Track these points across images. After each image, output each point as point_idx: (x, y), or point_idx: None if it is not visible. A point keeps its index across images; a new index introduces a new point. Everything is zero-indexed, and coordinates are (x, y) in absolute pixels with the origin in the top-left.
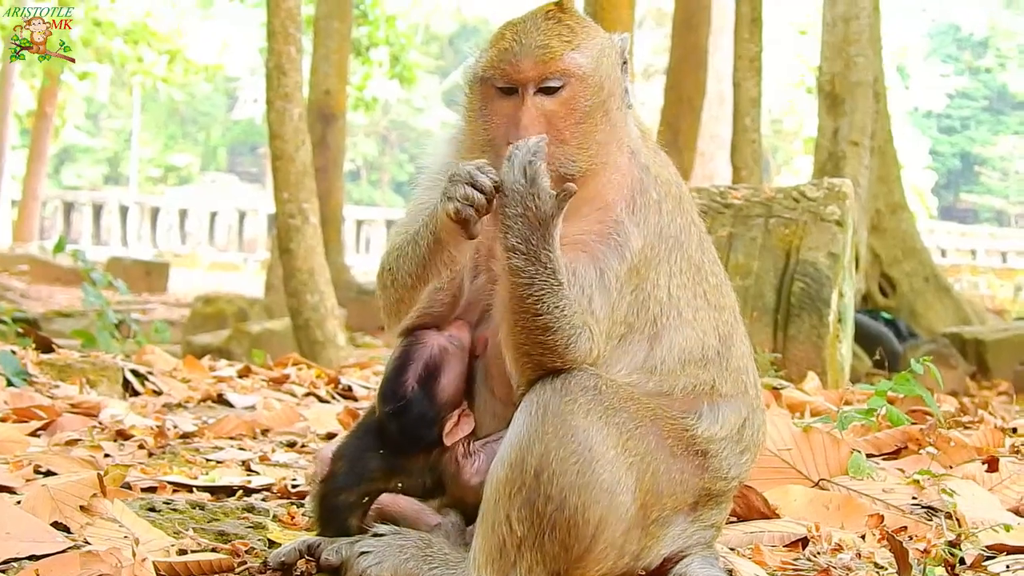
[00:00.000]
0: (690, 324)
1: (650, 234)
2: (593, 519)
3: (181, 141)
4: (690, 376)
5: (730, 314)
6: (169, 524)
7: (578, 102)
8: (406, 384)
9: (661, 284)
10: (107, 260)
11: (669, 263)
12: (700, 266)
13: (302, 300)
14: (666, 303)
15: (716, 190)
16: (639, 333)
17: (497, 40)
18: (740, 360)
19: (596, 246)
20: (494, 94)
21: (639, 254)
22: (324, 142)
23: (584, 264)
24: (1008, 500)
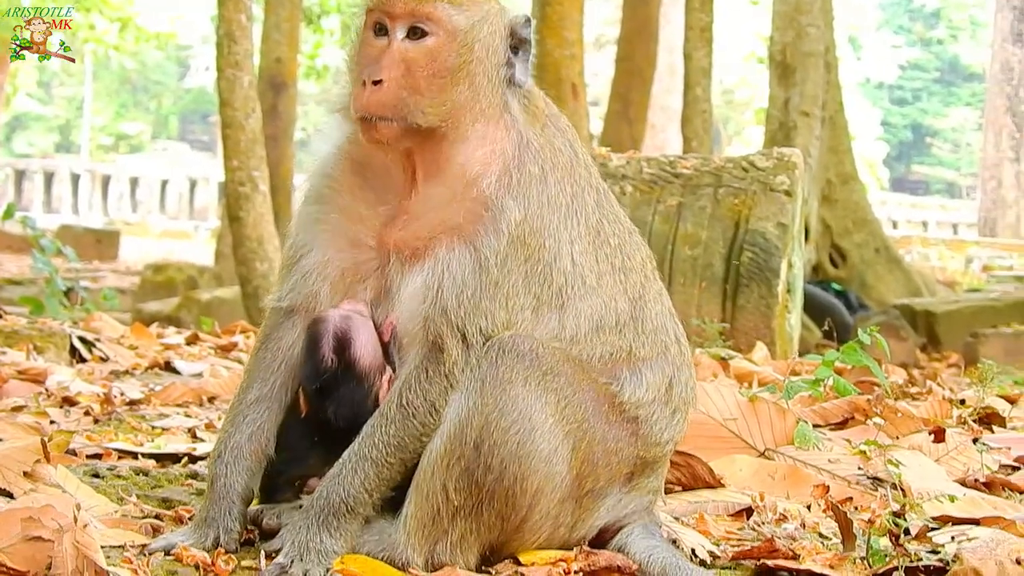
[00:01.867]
0: (595, 291)
1: (533, 205)
2: (530, 489)
3: (132, 109)
4: (605, 344)
5: (639, 275)
6: (113, 490)
7: (440, 55)
8: (324, 358)
9: (563, 252)
10: (58, 228)
11: (568, 231)
12: (599, 229)
13: (251, 268)
14: (570, 272)
15: (665, 159)
16: (547, 305)
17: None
18: (656, 320)
19: (468, 227)
20: (370, 34)
21: (520, 226)
22: (275, 110)
23: (459, 252)
24: (954, 471)
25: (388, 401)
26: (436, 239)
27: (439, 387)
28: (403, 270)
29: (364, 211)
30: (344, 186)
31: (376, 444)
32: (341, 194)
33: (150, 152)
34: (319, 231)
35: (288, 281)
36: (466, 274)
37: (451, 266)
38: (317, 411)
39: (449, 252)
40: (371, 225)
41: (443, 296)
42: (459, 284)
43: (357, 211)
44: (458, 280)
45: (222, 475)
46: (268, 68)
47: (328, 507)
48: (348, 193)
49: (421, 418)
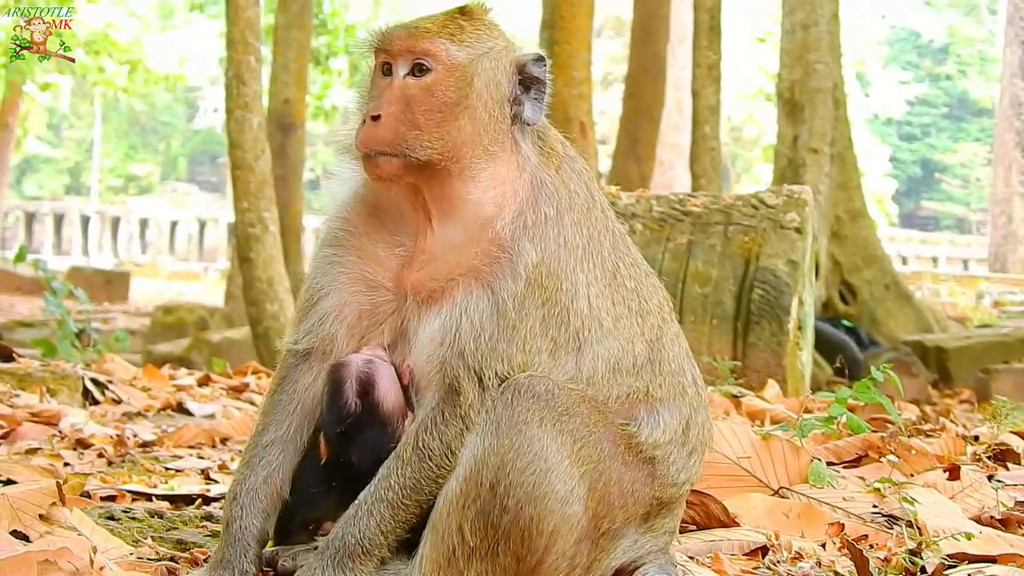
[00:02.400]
0: (611, 333)
1: (550, 247)
2: (547, 530)
3: (142, 151)
4: (622, 385)
5: (656, 317)
6: (128, 532)
7: (439, 90)
8: (347, 403)
9: (580, 295)
10: (68, 269)
11: (584, 273)
12: (615, 272)
13: (262, 309)
14: (587, 314)
15: (675, 198)
16: (564, 348)
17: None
18: (674, 362)
19: (485, 269)
20: (378, 74)
21: (537, 268)
22: (284, 151)
23: (476, 294)
24: (969, 508)
25: (404, 443)
26: (453, 281)
27: (455, 429)
28: (420, 312)
29: (381, 253)
30: (360, 228)
31: (392, 486)
32: (357, 236)
33: (159, 193)
34: (336, 274)
35: (305, 324)
36: (484, 317)
37: (468, 309)
38: (337, 455)
39: (466, 295)
40: (388, 267)
41: (460, 339)
42: (476, 327)
43: (374, 253)
44: (476, 323)
45: (238, 517)
46: (277, 109)
47: (343, 548)
48: (364, 235)
49: (437, 460)
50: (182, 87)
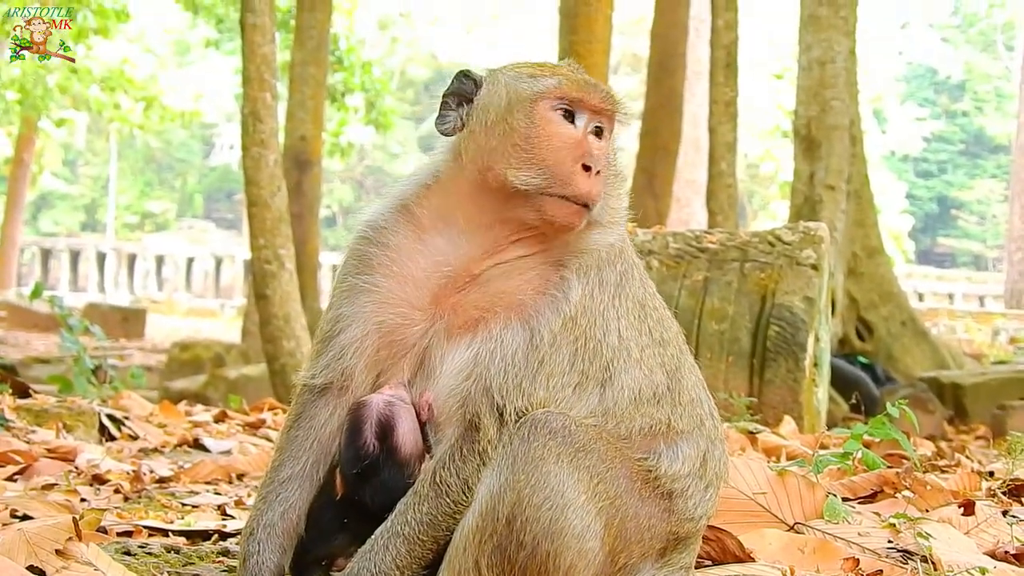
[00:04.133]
0: (638, 364)
1: (591, 283)
2: (563, 565)
3: (158, 188)
4: (645, 416)
5: (675, 348)
6: (144, 568)
7: (611, 145)
8: (366, 444)
9: (611, 328)
10: (84, 306)
11: (615, 307)
12: (644, 303)
13: (278, 346)
14: (617, 346)
15: (692, 234)
16: (593, 380)
17: (556, 70)
18: (692, 392)
19: (530, 304)
20: (551, 115)
21: (577, 305)
22: (300, 188)
23: (513, 329)
24: (984, 543)
25: (422, 479)
26: (494, 312)
27: (472, 465)
28: (447, 341)
29: (419, 273)
30: (400, 248)
31: (409, 521)
32: (393, 256)
33: (175, 230)
34: (363, 302)
35: (324, 357)
36: (517, 353)
37: (504, 343)
38: (352, 493)
39: (504, 328)
40: (426, 288)
41: (489, 374)
42: (507, 362)
43: (411, 274)
44: (507, 358)
45: (255, 552)
46: (293, 146)
47: None
48: (404, 255)
49: (455, 496)
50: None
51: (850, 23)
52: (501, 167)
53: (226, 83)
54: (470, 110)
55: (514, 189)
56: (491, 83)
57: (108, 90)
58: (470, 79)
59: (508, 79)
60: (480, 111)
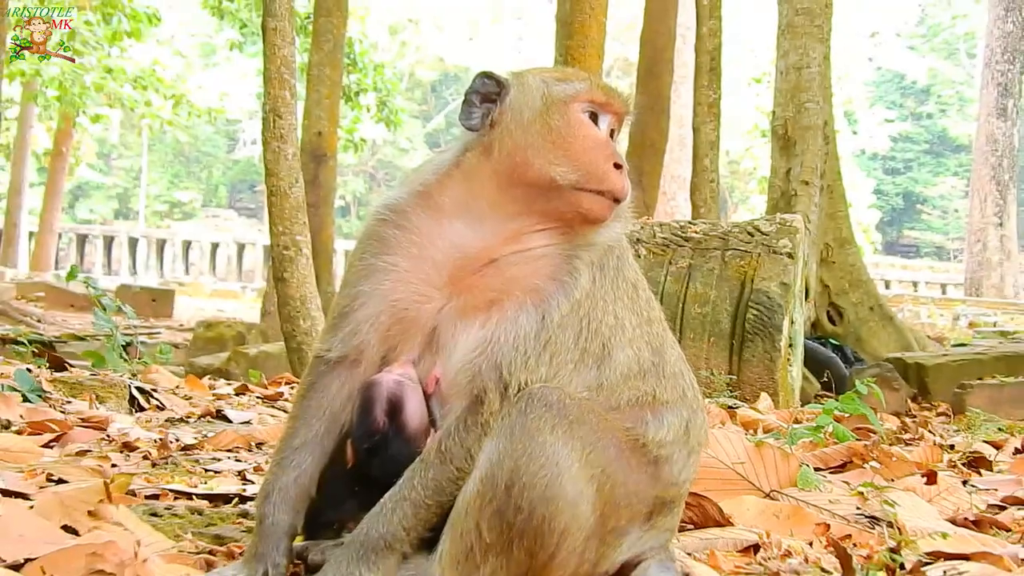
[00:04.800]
0: (630, 342)
1: (595, 269)
2: (558, 528)
3: (185, 179)
4: (632, 388)
5: (659, 325)
6: (169, 528)
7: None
8: (376, 421)
9: (610, 310)
10: (117, 288)
11: (614, 290)
12: (636, 284)
13: (295, 325)
14: (614, 326)
15: (677, 224)
16: (591, 356)
17: (581, 76)
18: (674, 366)
19: (544, 289)
20: (582, 118)
21: (583, 290)
22: (316, 180)
23: (527, 311)
24: (945, 510)
25: (428, 448)
26: (510, 294)
27: (475, 435)
28: (458, 320)
29: (438, 255)
30: (420, 228)
31: (415, 486)
32: (412, 236)
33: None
34: (380, 279)
35: (339, 332)
36: (528, 333)
37: (517, 324)
38: (362, 465)
39: (518, 310)
40: (444, 268)
41: (501, 352)
42: (519, 342)
43: (430, 255)
44: (519, 338)
45: (270, 514)
46: (310, 141)
47: (367, 543)
48: (423, 235)
49: (458, 463)
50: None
51: (824, 31)
52: (539, 163)
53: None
54: (500, 108)
55: (554, 183)
56: (521, 85)
57: (140, 88)
58: (493, 79)
59: (539, 82)
60: (515, 111)
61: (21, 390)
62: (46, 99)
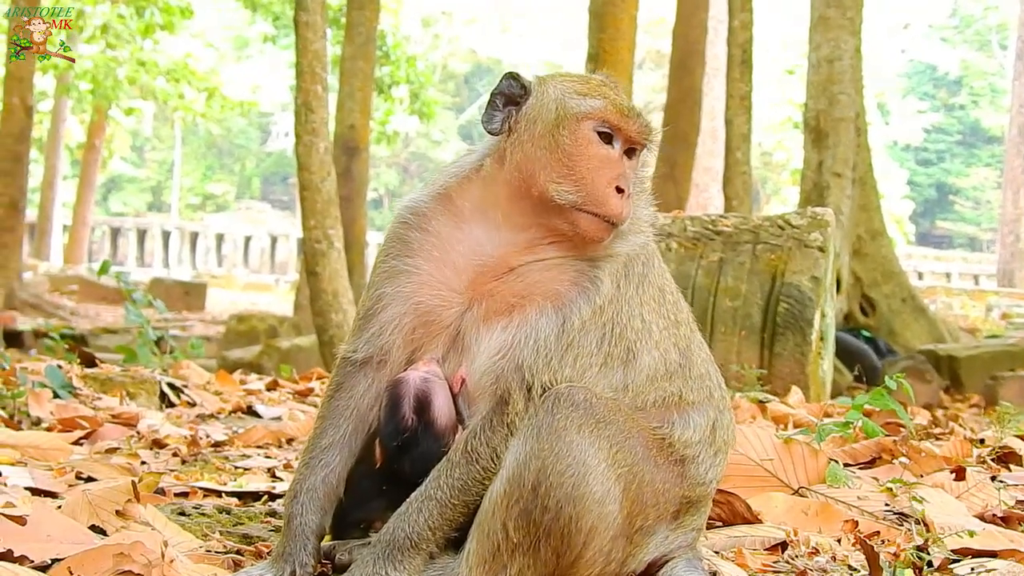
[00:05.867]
0: (656, 344)
1: (619, 276)
2: (585, 528)
3: (218, 171)
4: (659, 389)
5: (686, 327)
6: (197, 527)
7: (639, 163)
8: (405, 418)
9: (635, 314)
10: (150, 281)
11: (639, 295)
12: (662, 288)
13: (327, 318)
14: (640, 329)
15: (708, 219)
16: (617, 359)
17: (602, 92)
18: (701, 367)
19: (565, 295)
20: (595, 137)
21: (606, 296)
22: (349, 173)
23: (548, 315)
24: (974, 507)
25: (454, 448)
26: (530, 298)
27: (501, 435)
28: (481, 323)
29: (459, 260)
30: (441, 233)
31: (441, 486)
32: (434, 241)
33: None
34: (402, 282)
35: (365, 333)
36: (550, 337)
37: (538, 327)
38: (391, 463)
39: (539, 315)
40: (464, 274)
41: (523, 355)
42: (540, 344)
43: (451, 259)
44: (540, 341)
45: (298, 514)
46: (342, 134)
47: (393, 542)
48: (444, 240)
49: (484, 463)
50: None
51: (856, 24)
52: (543, 179)
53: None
54: (518, 115)
55: (552, 202)
56: (540, 93)
57: (173, 81)
58: (518, 82)
59: (557, 93)
60: (529, 120)
61: (52, 386)
62: (79, 92)
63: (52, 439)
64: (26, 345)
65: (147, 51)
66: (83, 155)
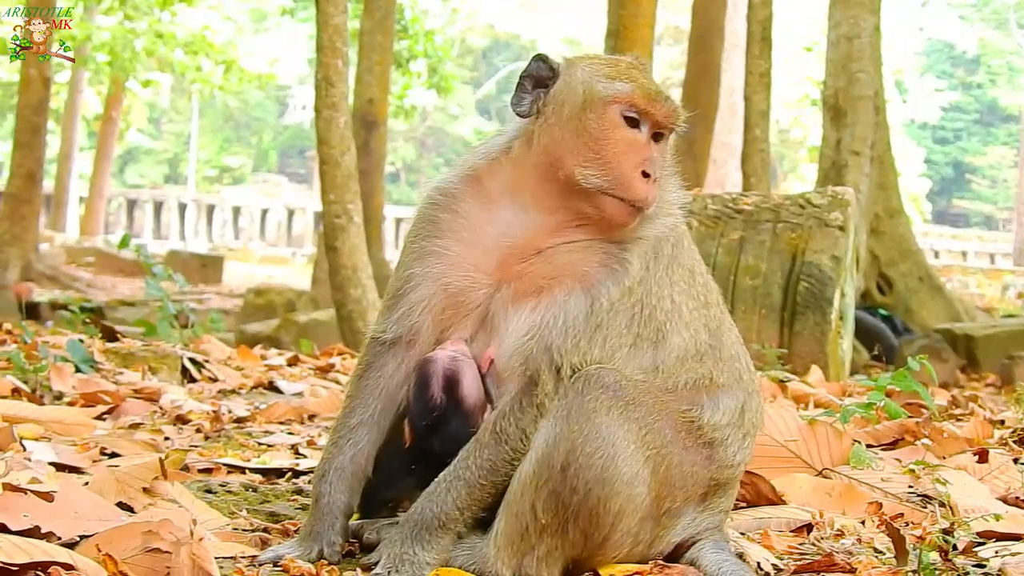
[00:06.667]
0: (687, 325)
1: (648, 257)
2: (613, 509)
3: (235, 144)
4: (689, 371)
5: (716, 308)
6: (224, 505)
7: (667, 154)
8: (434, 397)
9: (664, 295)
10: (166, 253)
11: (669, 276)
12: (692, 269)
13: (346, 294)
14: (670, 310)
15: (729, 197)
16: (647, 340)
17: (630, 75)
18: (731, 348)
19: (593, 276)
20: (621, 121)
21: (635, 277)
22: (367, 147)
23: (575, 296)
24: (997, 489)
25: (483, 429)
26: (558, 280)
27: (530, 416)
28: (510, 304)
29: (487, 241)
30: (470, 214)
31: (470, 466)
32: (463, 222)
33: (251, 183)
34: (431, 263)
35: (394, 313)
36: (579, 318)
37: (567, 308)
38: (420, 443)
39: (567, 296)
40: (493, 255)
41: (551, 335)
42: (569, 325)
43: (480, 241)
44: (568, 322)
45: (326, 493)
46: (361, 108)
47: (421, 522)
48: (473, 221)
49: (513, 444)
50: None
51: (875, 1)
52: (570, 162)
53: (299, 48)
54: (546, 98)
55: (578, 185)
56: (568, 76)
57: (191, 54)
58: (547, 64)
59: (585, 76)
60: (556, 103)
61: (74, 361)
62: (96, 64)
63: (75, 414)
64: (43, 317)
65: (165, 23)
66: (100, 127)
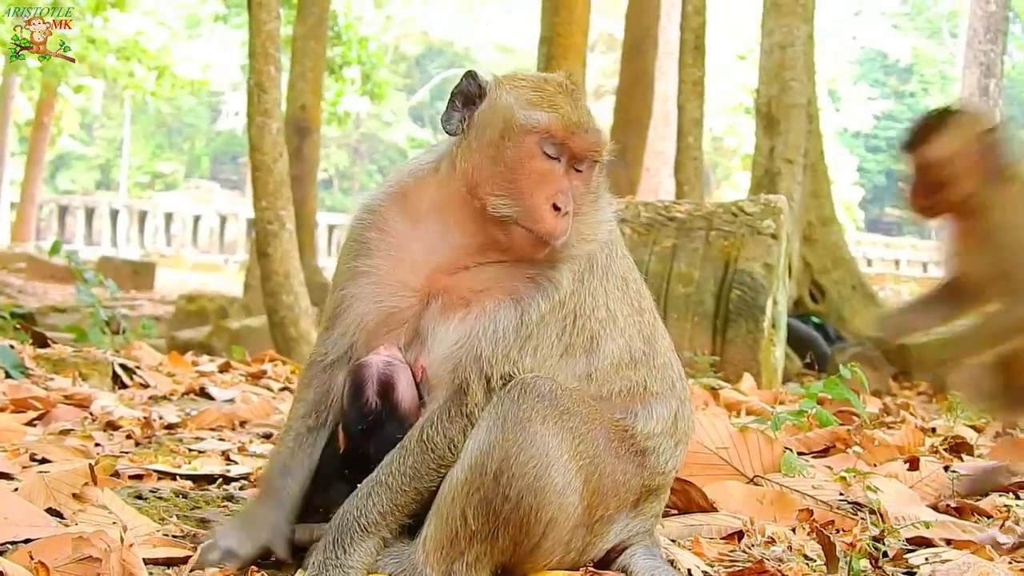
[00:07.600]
0: (621, 332)
1: (582, 270)
2: (544, 518)
3: (168, 150)
4: (624, 379)
5: (650, 315)
6: (155, 511)
7: (588, 183)
8: (368, 402)
9: (599, 304)
10: (98, 259)
11: (603, 285)
12: (626, 277)
13: (278, 300)
14: (605, 319)
15: (662, 204)
16: (579, 349)
17: (553, 103)
18: (664, 356)
19: (523, 290)
20: (539, 151)
21: (566, 291)
22: (300, 153)
23: (505, 308)
24: (927, 497)
25: (409, 435)
26: (488, 292)
27: (459, 425)
28: (440, 316)
29: (416, 257)
30: (397, 231)
31: (393, 472)
32: (391, 240)
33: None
34: (364, 282)
35: (331, 337)
36: (508, 328)
37: (496, 319)
38: (355, 448)
39: (496, 307)
40: (421, 270)
41: (481, 345)
42: (498, 336)
43: (409, 257)
44: (499, 332)
45: (281, 486)
46: (294, 114)
47: (343, 526)
48: (400, 238)
49: (440, 452)
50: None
51: (808, 10)
52: (485, 190)
53: (232, 55)
54: (471, 119)
55: (489, 214)
56: (493, 98)
57: (123, 59)
58: (476, 82)
59: (508, 100)
60: (480, 126)
61: (4, 366)
62: (28, 69)
63: (5, 420)
64: None
65: (97, 28)
66: (31, 132)
